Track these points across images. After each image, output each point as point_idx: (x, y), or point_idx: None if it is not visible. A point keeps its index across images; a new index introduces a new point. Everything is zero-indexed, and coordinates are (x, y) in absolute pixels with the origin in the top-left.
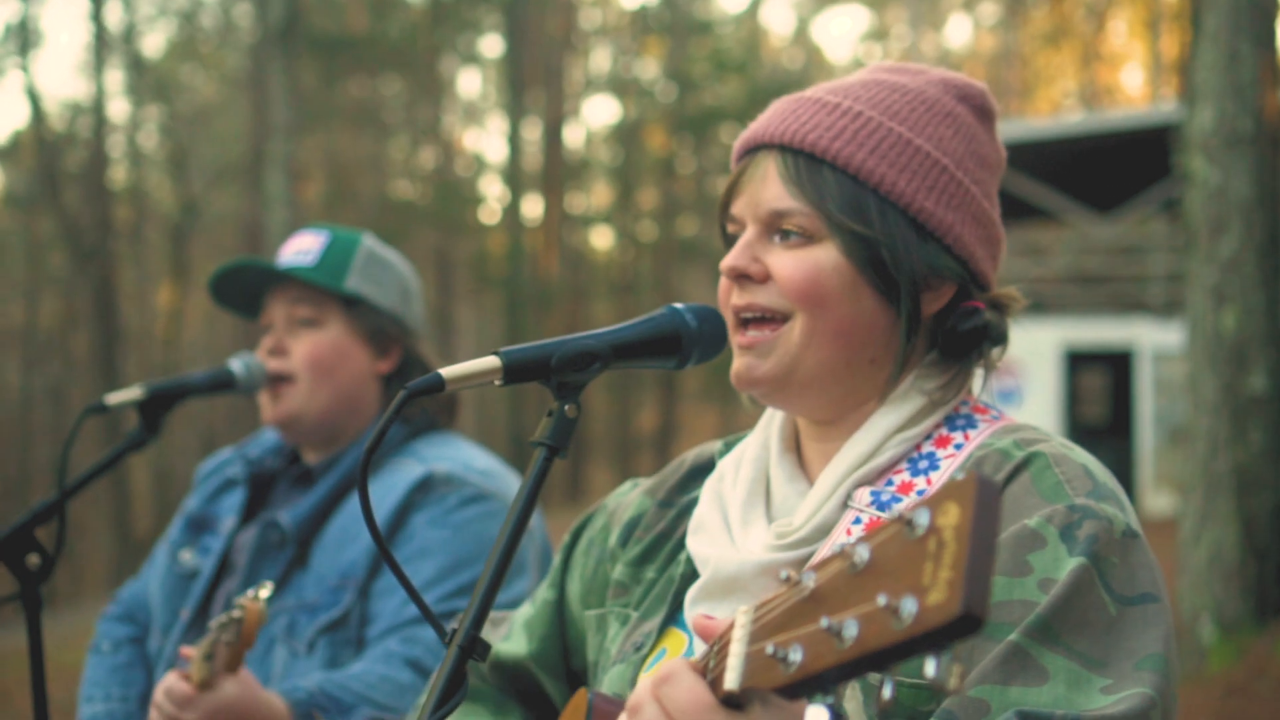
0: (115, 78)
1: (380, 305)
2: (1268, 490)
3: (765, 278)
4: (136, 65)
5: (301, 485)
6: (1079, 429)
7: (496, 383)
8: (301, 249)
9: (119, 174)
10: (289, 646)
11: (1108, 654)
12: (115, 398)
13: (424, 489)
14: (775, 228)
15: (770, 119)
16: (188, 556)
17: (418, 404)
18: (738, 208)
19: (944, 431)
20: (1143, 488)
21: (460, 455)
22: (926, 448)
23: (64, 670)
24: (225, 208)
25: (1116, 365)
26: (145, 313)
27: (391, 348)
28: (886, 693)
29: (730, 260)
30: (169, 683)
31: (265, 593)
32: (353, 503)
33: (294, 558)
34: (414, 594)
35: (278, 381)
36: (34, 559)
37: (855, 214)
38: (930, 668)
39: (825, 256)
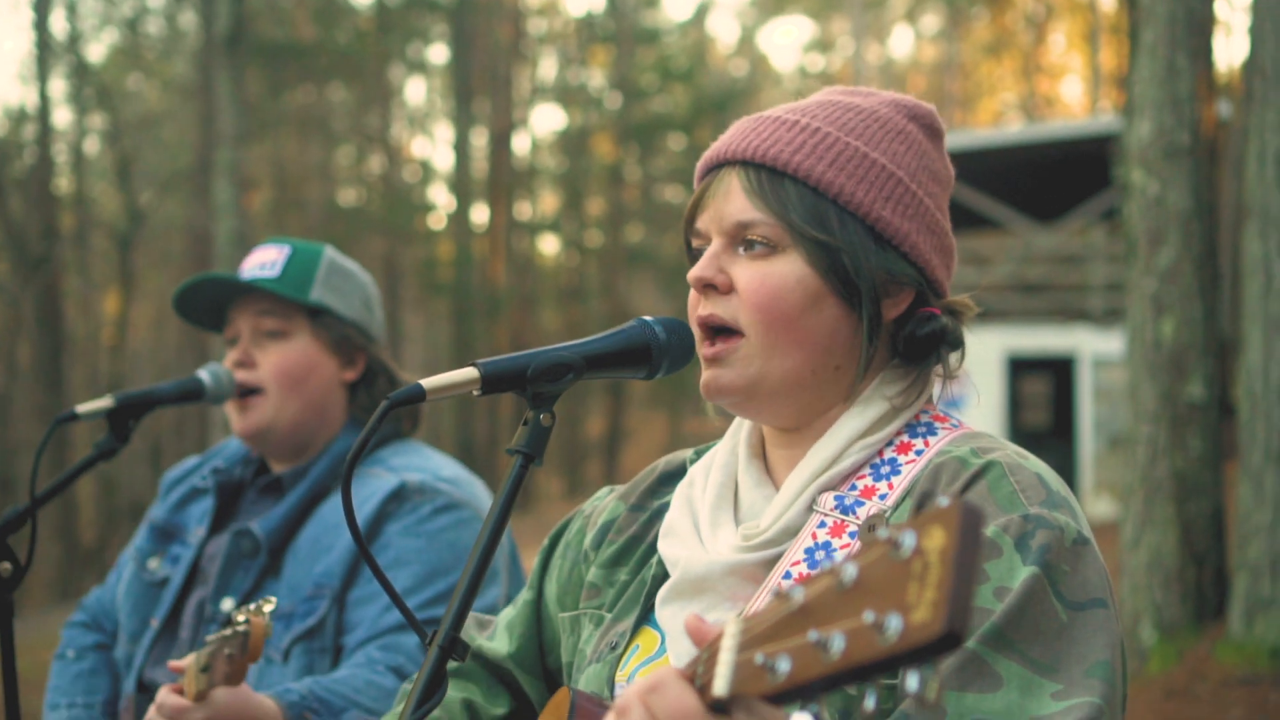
0: (59, 86)
1: (344, 315)
2: (1205, 496)
3: (730, 288)
4: (80, 72)
5: (270, 495)
6: (1021, 434)
7: (475, 393)
8: (264, 261)
9: (63, 181)
10: (264, 655)
11: (1058, 660)
12: (86, 407)
13: (397, 499)
14: (740, 239)
15: (731, 138)
16: (155, 565)
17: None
18: (702, 222)
19: (905, 438)
20: (1084, 493)
21: (429, 464)
22: (888, 453)
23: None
24: (172, 215)
25: (1058, 372)
26: (90, 320)
27: (356, 356)
28: (869, 705)
29: (697, 271)
30: (162, 697)
31: (269, 607)
32: (324, 512)
33: (266, 566)
34: (396, 598)
35: (246, 394)
36: (5, 566)
37: (817, 223)
38: (912, 682)
39: (789, 267)
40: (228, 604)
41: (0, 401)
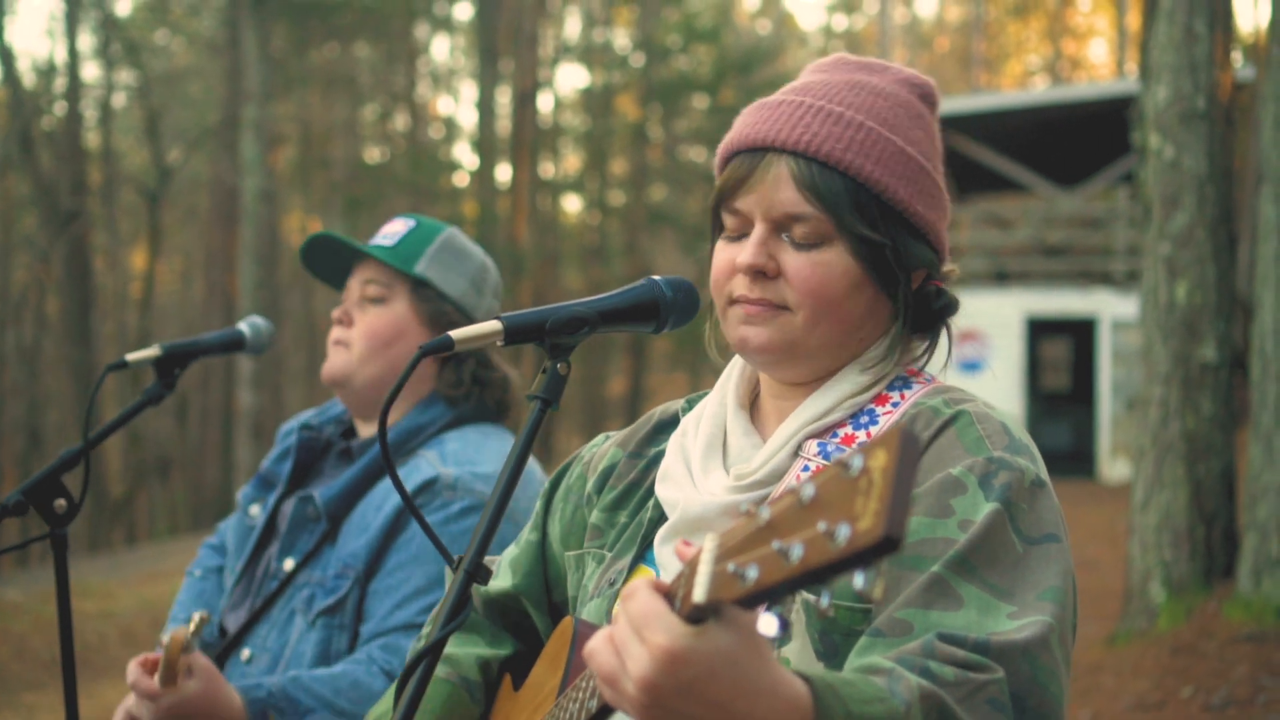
0: (87, 40)
1: (445, 291)
2: (1216, 456)
3: (778, 273)
4: (108, 27)
5: (345, 461)
6: (1040, 397)
7: (499, 344)
8: (388, 232)
9: (91, 136)
10: (305, 618)
11: (1014, 586)
12: (135, 356)
13: (428, 492)
14: (786, 228)
15: (777, 124)
16: (255, 511)
17: (465, 389)
18: (745, 205)
19: (884, 392)
20: (1102, 455)
21: (478, 456)
22: (868, 405)
23: (44, 623)
24: (199, 171)
25: (1078, 335)
26: (118, 275)
27: None
28: (824, 603)
29: (748, 259)
30: (135, 677)
31: (193, 626)
32: (377, 490)
33: (327, 532)
34: (429, 530)
35: (336, 345)
36: (60, 503)
37: (864, 219)
38: (859, 581)
39: (834, 257)
40: (289, 564)
41: (29, 354)
